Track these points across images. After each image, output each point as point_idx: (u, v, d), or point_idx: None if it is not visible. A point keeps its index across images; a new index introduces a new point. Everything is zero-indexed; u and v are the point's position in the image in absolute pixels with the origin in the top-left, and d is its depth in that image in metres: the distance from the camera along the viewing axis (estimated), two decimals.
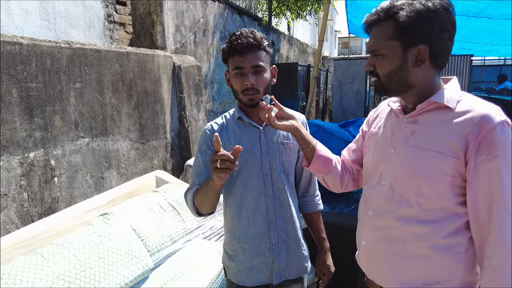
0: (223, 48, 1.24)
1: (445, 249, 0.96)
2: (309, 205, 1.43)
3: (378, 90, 1.05)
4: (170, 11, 3.35)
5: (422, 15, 0.91)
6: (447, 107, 0.95)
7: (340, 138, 2.69)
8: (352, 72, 6.53)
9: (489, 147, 0.87)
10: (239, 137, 1.27)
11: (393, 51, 0.96)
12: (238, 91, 1.23)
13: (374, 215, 1.07)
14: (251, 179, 1.26)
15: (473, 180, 0.91)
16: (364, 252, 1.13)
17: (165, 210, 2.18)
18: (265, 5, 7.24)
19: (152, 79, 2.95)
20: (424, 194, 0.96)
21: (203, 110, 3.98)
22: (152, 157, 3.00)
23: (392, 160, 1.04)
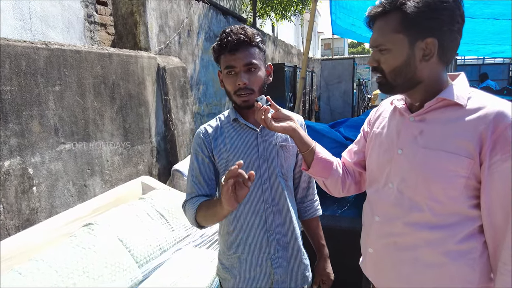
0: (213, 47, 1.17)
1: (458, 255, 0.90)
2: (308, 210, 1.36)
3: (383, 87, 0.98)
4: (153, 11, 3.25)
5: (431, 6, 0.85)
6: (457, 104, 0.90)
7: (331, 139, 2.65)
8: (338, 72, 6.55)
9: (505, 146, 0.82)
10: (235, 140, 1.20)
11: (400, 45, 0.89)
12: (231, 92, 1.15)
13: (382, 221, 1.01)
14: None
15: (488, 181, 0.85)
16: (371, 260, 1.06)
17: (153, 218, 2.07)
18: (249, 6, 7.18)
19: (136, 81, 2.84)
20: (435, 197, 0.90)
21: (189, 112, 3.88)
22: (137, 162, 2.89)
23: (399, 161, 0.97)
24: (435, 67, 0.92)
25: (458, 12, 0.87)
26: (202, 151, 1.22)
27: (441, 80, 0.94)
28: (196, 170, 1.22)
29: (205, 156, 1.22)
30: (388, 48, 0.91)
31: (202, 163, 1.22)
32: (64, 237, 1.76)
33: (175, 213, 2.20)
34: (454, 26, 0.87)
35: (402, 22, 0.87)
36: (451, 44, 0.89)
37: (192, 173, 1.24)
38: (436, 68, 0.92)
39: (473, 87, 0.97)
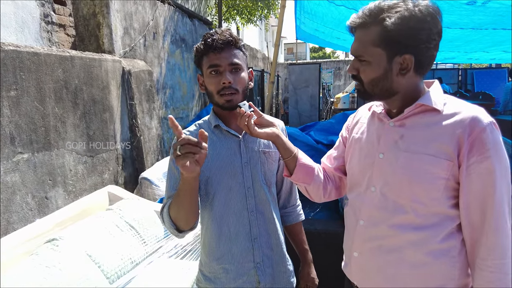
0: (196, 48, 1.14)
1: (440, 254, 0.94)
2: (290, 216, 1.35)
3: (362, 95, 1.01)
4: (117, 13, 3.11)
5: (410, 25, 0.88)
6: (434, 110, 0.94)
7: (302, 143, 2.68)
8: (305, 76, 6.68)
9: (480, 148, 0.87)
10: (217, 147, 1.16)
11: (378, 58, 0.92)
12: (213, 92, 1.12)
13: (367, 225, 1.02)
14: (231, 192, 1.15)
15: (466, 182, 0.89)
16: (356, 264, 1.07)
17: (123, 230, 1.97)
18: (214, 9, 7.13)
19: (100, 85, 2.70)
20: (418, 199, 0.93)
21: (156, 117, 3.75)
22: (102, 171, 2.74)
23: (381, 166, 1.00)
24: (411, 79, 0.95)
25: (435, 30, 0.90)
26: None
27: (418, 89, 0.98)
28: (175, 175, 1.16)
29: None
30: (367, 60, 0.94)
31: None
32: (24, 255, 1.62)
33: (146, 223, 2.10)
34: (430, 43, 0.91)
35: (381, 37, 0.90)
36: (427, 59, 0.93)
37: (170, 179, 1.19)
38: (413, 80, 0.96)
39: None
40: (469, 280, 0.97)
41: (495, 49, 5.93)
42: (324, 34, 5.99)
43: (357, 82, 1.00)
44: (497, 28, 4.25)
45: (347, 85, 13.79)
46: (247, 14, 7.21)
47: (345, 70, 14.72)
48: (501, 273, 0.87)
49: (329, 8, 4.35)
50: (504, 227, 0.88)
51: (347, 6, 4.09)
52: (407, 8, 0.88)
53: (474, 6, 3.39)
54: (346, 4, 4.02)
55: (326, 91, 11.67)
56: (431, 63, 0.95)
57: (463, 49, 5.93)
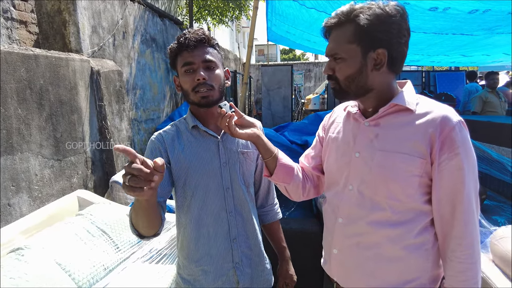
0: (170, 48, 1.14)
1: (415, 248, 0.98)
2: (268, 215, 1.37)
3: (338, 94, 1.04)
4: (85, 10, 3.00)
5: (382, 20, 0.93)
6: (407, 109, 0.98)
7: (277, 143, 2.71)
8: (278, 78, 6.75)
9: (450, 146, 0.91)
10: (195, 148, 1.16)
11: (353, 54, 0.96)
12: (188, 90, 1.11)
13: (345, 222, 1.05)
14: (209, 193, 1.15)
15: (438, 178, 0.94)
16: (336, 261, 1.09)
17: (94, 235, 1.90)
18: (185, 9, 7.03)
19: (67, 86, 2.59)
20: (394, 196, 0.97)
21: (126, 119, 3.65)
22: (71, 175, 2.63)
23: (357, 164, 1.03)
24: (385, 76, 0.99)
25: (404, 26, 0.96)
26: (159, 151, 1.15)
27: (392, 88, 1.02)
28: None
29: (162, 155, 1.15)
30: (343, 57, 0.97)
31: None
32: None
33: (118, 228, 2.04)
34: (401, 39, 0.96)
35: (356, 33, 0.94)
36: (399, 55, 0.98)
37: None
38: (387, 77, 1.00)
39: None
40: (441, 271, 1.02)
41: (455, 52, 6.27)
42: (295, 36, 6.08)
43: (333, 82, 1.02)
44: (456, 33, 4.50)
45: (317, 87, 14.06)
46: (218, 15, 7.17)
47: (315, 72, 14.99)
48: (469, 262, 0.93)
49: (300, 11, 4.42)
50: (472, 219, 0.94)
51: (317, 9, 4.18)
52: (378, 6, 0.94)
53: (436, 12, 3.57)
54: (316, 7, 4.11)
55: (297, 92, 11.84)
56: (403, 60, 1.00)
57: (426, 52, 6.22)
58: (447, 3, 3.30)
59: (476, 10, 3.46)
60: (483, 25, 4.06)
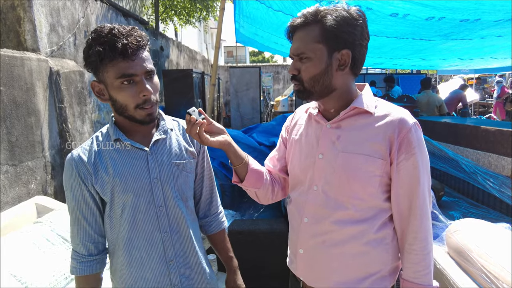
0: (97, 51, 0.92)
1: (377, 243, 1.03)
2: (212, 225, 1.27)
3: (301, 94, 1.04)
4: (42, 7, 2.85)
5: (347, 21, 0.96)
6: (367, 112, 1.01)
7: (245, 145, 2.72)
8: (246, 79, 6.77)
9: (407, 147, 0.96)
10: (120, 165, 1.02)
11: (319, 54, 0.97)
12: (128, 106, 0.96)
13: (311, 222, 1.07)
14: (139, 213, 1.04)
15: (396, 177, 0.99)
16: (302, 260, 1.11)
17: (54, 244, 1.81)
18: (151, 9, 6.88)
19: (22, 87, 2.45)
20: (357, 195, 1.00)
21: (88, 121, 3.51)
22: (28, 180, 2.49)
23: (321, 165, 1.05)
24: (347, 77, 1.02)
25: (366, 30, 1.00)
26: (79, 186, 1.01)
27: (352, 90, 1.05)
28: (77, 216, 1.03)
29: (85, 193, 1.02)
30: (309, 57, 0.98)
31: (83, 203, 1.02)
32: None
33: None
34: (363, 41, 1.00)
35: (322, 33, 0.96)
36: (361, 57, 1.01)
37: (73, 220, 1.04)
38: (348, 78, 1.03)
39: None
40: (399, 262, 1.08)
41: (415, 56, 6.59)
42: (263, 38, 6.13)
43: (297, 83, 1.03)
44: (416, 38, 4.74)
45: (285, 89, 14.25)
46: (185, 15, 7.09)
47: (283, 74, 15.19)
48: (424, 253, 0.99)
49: (267, 13, 4.47)
50: (426, 213, 1.00)
51: (284, 12, 4.23)
52: (343, 9, 0.97)
53: (396, 18, 3.74)
54: (283, 9, 4.16)
55: (266, 94, 11.93)
56: (363, 62, 1.04)
57: (389, 55, 6.49)
58: (406, 9, 3.46)
59: (432, 17, 3.66)
60: (439, 32, 4.30)
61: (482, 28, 4.15)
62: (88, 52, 0.95)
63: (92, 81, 1.00)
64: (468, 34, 4.52)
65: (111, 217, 1.05)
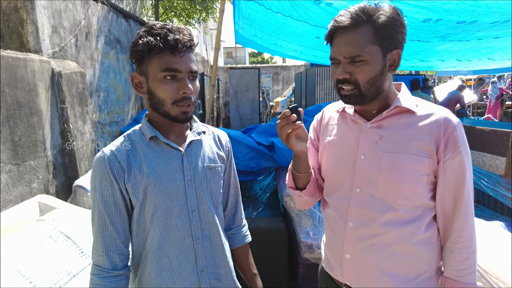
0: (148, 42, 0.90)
1: (424, 242, 1.01)
2: (236, 238, 1.20)
3: (355, 99, 0.98)
4: (44, 9, 2.89)
5: (396, 20, 0.93)
6: (409, 111, 0.99)
7: (245, 145, 2.76)
8: (246, 81, 6.81)
9: (453, 145, 0.95)
10: (155, 163, 0.97)
11: (376, 56, 0.93)
12: (166, 101, 0.93)
13: (357, 225, 1.03)
14: (172, 217, 0.97)
15: (442, 176, 0.97)
16: (349, 265, 1.06)
17: (57, 241, 1.84)
18: (150, 10, 6.93)
19: (25, 87, 2.49)
20: (404, 195, 0.97)
21: (89, 121, 3.55)
22: (31, 180, 2.53)
23: (364, 167, 1.01)
24: (390, 77, 1.01)
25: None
26: (111, 185, 0.95)
27: (392, 89, 1.04)
28: (104, 220, 0.95)
29: (116, 193, 0.95)
30: (365, 60, 0.92)
31: (113, 205, 0.95)
32: None
33: (83, 233, 1.99)
34: (404, 40, 0.98)
35: (376, 34, 0.92)
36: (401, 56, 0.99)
37: (99, 226, 0.96)
38: (390, 78, 1.01)
39: None
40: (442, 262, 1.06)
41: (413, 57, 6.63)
42: (262, 39, 6.17)
43: (351, 87, 0.96)
44: (414, 39, 4.78)
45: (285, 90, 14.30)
46: (185, 17, 7.13)
47: (283, 75, 15.23)
48: (468, 252, 0.97)
49: (266, 15, 4.51)
50: (471, 211, 0.99)
51: (283, 14, 4.28)
52: (390, 8, 0.94)
53: None
54: (282, 11, 4.21)
55: (266, 95, 11.99)
56: None
57: None
58: (404, 12, 3.49)
59: (429, 19, 3.70)
60: (436, 33, 4.35)
61: (479, 30, 4.20)
62: (137, 42, 0.93)
63: (133, 72, 0.98)
64: (465, 36, 4.57)
65: (140, 221, 0.98)
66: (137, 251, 1.01)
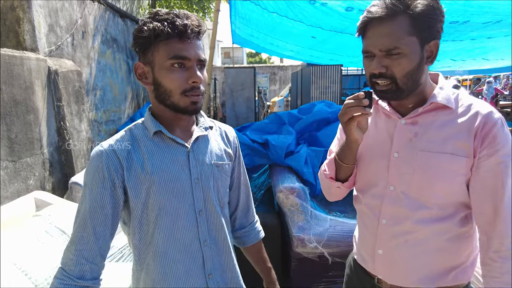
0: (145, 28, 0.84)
1: (460, 237, 0.97)
2: (250, 235, 1.16)
3: (391, 94, 0.92)
4: (40, 8, 2.92)
5: (436, 8, 0.87)
6: (447, 107, 0.93)
7: (240, 142, 2.79)
8: (241, 80, 6.86)
9: (491, 142, 0.87)
10: (160, 160, 0.90)
11: (414, 48, 0.87)
12: (174, 91, 0.86)
13: (390, 223, 1.00)
14: (179, 219, 0.91)
15: (476, 174, 0.90)
16: (381, 260, 1.05)
17: (53, 236, 1.87)
18: (147, 10, 6.95)
19: (22, 85, 2.51)
20: (439, 194, 0.94)
21: (85, 120, 3.58)
22: (27, 176, 2.55)
23: (397, 165, 0.98)
24: (427, 70, 0.94)
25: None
26: (102, 183, 0.85)
27: (429, 82, 0.97)
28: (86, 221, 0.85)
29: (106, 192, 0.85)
30: (403, 52, 0.87)
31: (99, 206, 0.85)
32: None
33: None
34: (442, 28, 0.91)
35: (414, 24, 0.86)
36: None
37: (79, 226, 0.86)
38: (427, 71, 0.95)
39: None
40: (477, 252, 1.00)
41: None
42: (259, 39, 6.20)
43: (387, 81, 0.90)
44: None
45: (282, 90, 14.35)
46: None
47: (280, 75, 15.29)
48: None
49: (262, 15, 4.54)
50: None
51: (279, 13, 4.32)
52: None
53: None
54: (278, 11, 4.25)
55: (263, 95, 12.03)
56: None
57: None
58: None
59: None
60: None
61: (472, 30, 4.25)
62: (142, 28, 0.85)
63: (136, 62, 0.91)
64: (458, 36, 4.62)
65: (142, 223, 0.90)
66: (139, 256, 0.93)
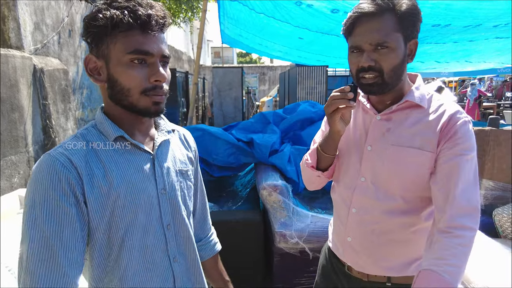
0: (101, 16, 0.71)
1: (424, 230, 1.00)
2: (207, 248, 1.06)
3: (378, 88, 0.96)
4: (26, 6, 2.91)
5: (416, 9, 0.93)
6: (419, 106, 0.99)
7: (224, 141, 2.84)
8: (229, 79, 6.89)
9: (453, 136, 0.93)
10: (123, 170, 0.77)
11: (399, 43, 0.93)
12: (132, 90, 0.75)
13: (359, 212, 1.06)
14: (146, 235, 0.79)
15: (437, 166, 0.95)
16: (350, 248, 1.11)
17: None
18: None
19: (6, 83, 2.51)
20: (406, 187, 0.99)
21: (72, 118, 3.57)
22: (11, 174, 2.55)
23: (370, 157, 1.03)
24: (406, 67, 1.00)
25: None
26: (65, 199, 0.69)
27: (407, 80, 1.04)
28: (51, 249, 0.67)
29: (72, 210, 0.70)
30: (390, 47, 0.91)
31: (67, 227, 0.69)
32: None
33: None
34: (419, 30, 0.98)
35: (399, 22, 0.92)
36: None
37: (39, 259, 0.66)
38: (406, 69, 1.01)
39: None
40: None
41: None
42: (248, 39, 6.25)
43: (374, 74, 0.94)
44: None
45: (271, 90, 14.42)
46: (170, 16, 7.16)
47: (269, 75, 15.36)
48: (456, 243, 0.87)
49: (250, 15, 4.59)
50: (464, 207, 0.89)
51: (266, 14, 4.37)
52: None
53: None
54: (265, 12, 4.30)
55: (252, 95, 12.08)
56: None
57: None
58: None
59: None
60: None
61: (454, 33, 4.38)
62: (96, 16, 0.72)
63: (87, 55, 0.78)
64: (441, 39, 4.75)
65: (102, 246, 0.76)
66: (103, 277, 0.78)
